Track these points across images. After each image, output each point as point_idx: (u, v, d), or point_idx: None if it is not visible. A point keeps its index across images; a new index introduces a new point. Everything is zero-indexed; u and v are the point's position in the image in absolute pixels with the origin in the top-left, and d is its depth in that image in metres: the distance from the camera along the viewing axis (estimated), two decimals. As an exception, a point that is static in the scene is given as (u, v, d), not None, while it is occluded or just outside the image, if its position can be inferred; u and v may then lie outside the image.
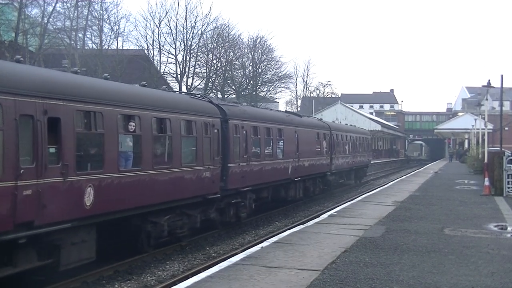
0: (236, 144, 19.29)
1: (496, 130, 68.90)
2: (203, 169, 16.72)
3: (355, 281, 9.83)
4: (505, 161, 26.16)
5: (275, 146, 23.45)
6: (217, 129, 17.73)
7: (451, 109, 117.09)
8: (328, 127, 32.76)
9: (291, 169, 24.92)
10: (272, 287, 9.50)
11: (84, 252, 12.03)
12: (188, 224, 16.49)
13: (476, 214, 19.25)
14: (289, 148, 24.83)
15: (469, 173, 45.54)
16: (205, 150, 16.77)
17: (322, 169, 30.80)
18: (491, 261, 11.72)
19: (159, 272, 13.86)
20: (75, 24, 42.89)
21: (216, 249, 16.89)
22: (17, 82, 10.19)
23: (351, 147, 38.32)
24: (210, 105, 18.27)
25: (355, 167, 40.31)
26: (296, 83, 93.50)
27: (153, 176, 14.05)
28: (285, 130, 24.51)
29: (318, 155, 29.86)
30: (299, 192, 27.09)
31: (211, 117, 17.57)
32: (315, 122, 32.41)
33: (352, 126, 47.85)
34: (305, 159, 27.04)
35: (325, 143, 31.39)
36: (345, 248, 12.71)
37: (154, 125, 14.39)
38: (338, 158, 34.18)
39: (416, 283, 9.82)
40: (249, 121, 20.61)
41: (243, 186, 19.71)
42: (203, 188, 16.83)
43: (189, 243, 17.04)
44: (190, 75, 53.22)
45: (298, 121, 27.39)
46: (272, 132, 23.00)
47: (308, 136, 28.14)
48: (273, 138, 23.26)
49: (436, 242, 13.77)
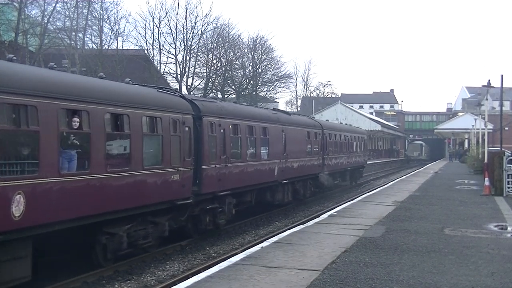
0: (211, 143, 17.49)
1: (496, 130, 68.93)
2: (171, 171, 14.89)
3: (355, 281, 9.83)
4: (505, 161, 26.16)
5: (258, 146, 21.49)
6: (188, 127, 15.95)
7: (451, 109, 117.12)
8: (320, 126, 31.11)
9: (278, 170, 23.27)
10: (272, 287, 9.49)
11: (16, 271, 10.30)
12: (155, 233, 14.86)
13: (476, 214, 19.25)
14: (275, 148, 23.10)
15: (469, 173, 45.54)
16: (173, 151, 15.00)
17: (313, 170, 29.09)
18: (491, 261, 11.72)
19: (159, 272, 13.86)
20: (75, 24, 42.85)
21: (216, 249, 16.89)
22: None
23: (345, 147, 36.72)
24: (181, 100, 16.33)
25: (350, 168, 38.52)
26: (296, 83, 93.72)
27: (106, 180, 12.30)
28: (271, 129, 22.75)
29: (309, 156, 28.23)
30: (288, 196, 25.47)
31: (182, 113, 15.68)
32: (306, 120, 30.30)
33: (347, 125, 46.24)
34: (294, 159, 25.42)
35: (317, 142, 29.90)
36: (345, 248, 12.70)
37: (108, 122, 12.60)
38: (331, 159, 32.55)
39: (416, 283, 9.81)
40: (227, 119, 18.77)
41: (220, 190, 17.97)
42: (171, 193, 15.03)
43: (189, 243, 17.04)
44: (190, 75, 53.23)
45: (285, 119, 25.59)
46: (255, 131, 21.14)
47: (297, 135, 26.52)
48: (257, 137, 21.35)
49: (436, 242, 13.77)
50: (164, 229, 15.24)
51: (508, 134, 69.47)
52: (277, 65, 66.30)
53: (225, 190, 18.30)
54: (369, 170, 59.73)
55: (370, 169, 61.22)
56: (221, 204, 18.42)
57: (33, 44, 39.77)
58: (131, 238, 13.73)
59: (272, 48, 65.93)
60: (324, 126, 32.02)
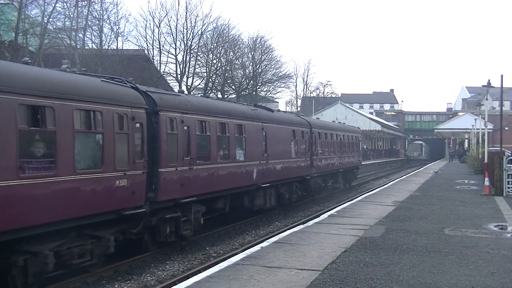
0: (172, 143, 15.22)
1: (496, 130, 68.96)
2: (116, 176, 12.58)
3: (355, 281, 9.83)
4: (505, 161, 26.15)
5: (233, 145, 19.30)
6: (140, 123, 13.73)
7: (451, 109, 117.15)
8: (308, 124, 28.83)
9: (257, 173, 21.11)
10: (272, 287, 9.49)
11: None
12: (96, 249, 12.62)
13: (476, 214, 19.24)
14: (253, 148, 20.91)
15: (469, 173, 45.55)
16: (119, 151, 12.70)
17: (300, 172, 26.88)
18: (491, 261, 11.71)
19: (159, 272, 13.87)
20: (75, 24, 42.86)
21: (216, 249, 16.89)
22: None
23: (337, 147, 34.47)
24: (130, 92, 13.90)
25: (342, 169, 36.34)
26: (296, 83, 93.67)
27: (18, 188, 10.01)
28: (248, 127, 20.55)
29: (295, 156, 25.99)
30: (270, 200, 23.34)
31: (131, 107, 13.32)
32: (291, 118, 27.75)
33: (341, 123, 44.07)
34: (277, 161, 23.27)
35: (304, 142, 27.63)
36: (345, 248, 12.70)
37: (22, 116, 10.31)
38: (320, 160, 30.37)
39: (416, 283, 9.81)
40: (193, 114, 16.52)
41: (184, 197, 15.72)
42: (117, 201, 12.72)
43: (189, 243, 17.04)
44: (190, 75, 53.16)
45: (267, 116, 23.17)
46: (228, 129, 18.93)
47: (281, 134, 24.25)
48: (230, 135, 19.10)
49: (436, 242, 13.76)
50: (109, 244, 12.88)
51: (508, 134, 69.50)
52: (277, 65, 66.30)
53: (190, 196, 16.06)
54: (369, 170, 59.76)
55: (370, 169, 61.25)
56: (186, 213, 16.28)
57: (33, 44, 39.75)
58: (62, 257, 11.58)
59: (272, 48, 65.93)
60: (313, 125, 29.98)
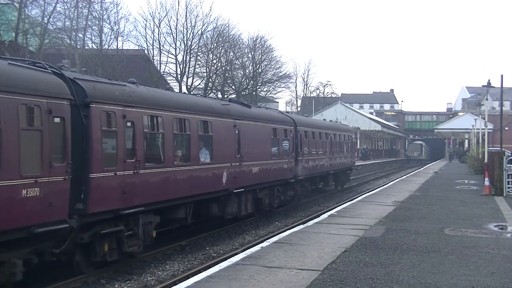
0: (109, 142, 12.77)
1: (496, 130, 68.99)
2: (22, 184, 10.07)
3: (355, 281, 9.83)
4: (505, 161, 26.16)
5: (195, 145, 16.47)
6: (61, 118, 11.09)
7: (451, 109, 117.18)
8: (292, 122, 26.01)
9: (228, 177, 18.41)
10: (272, 287, 9.49)
11: None
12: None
13: (476, 214, 19.25)
14: (223, 149, 18.15)
15: (469, 173, 45.57)
16: (26, 153, 10.19)
17: (283, 175, 24.13)
18: (491, 261, 11.71)
19: (159, 272, 13.87)
20: (75, 24, 42.91)
21: (216, 249, 16.89)
22: None
23: (327, 147, 31.70)
24: (49, 78, 11.23)
25: (333, 171, 33.44)
26: (296, 83, 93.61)
27: None
28: (216, 124, 17.79)
29: (276, 158, 23.15)
30: (246, 207, 20.59)
31: (47, 97, 10.72)
32: (272, 115, 24.62)
33: (332, 122, 41.21)
34: (253, 163, 20.52)
35: (288, 141, 24.88)
36: (345, 248, 12.71)
37: None
38: (307, 161, 27.49)
39: (416, 283, 9.81)
40: (140, 108, 13.72)
41: (127, 207, 13.10)
42: (25, 216, 10.24)
43: (189, 243, 17.04)
44: (190, 75, 53.21)
45: (240, 111, 20.25)
46: (189, 126, 16.11)
47: (258, 132, 21.46)
48: (192, 134, 16.27)
49: (436, 242, 13.77)
50: (15, 270, 10.34)
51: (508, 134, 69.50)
52: (277, 65, 66.37)
53: (135, 206, 13.40)
54: (369, 170, 59.78)
55: (370, 169, 61.27)
56: (132, 225, 13.66)
57: (33, 44, 39.78)
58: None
59: (272, 48, 65.99)
60: (299, 122, 27.11)
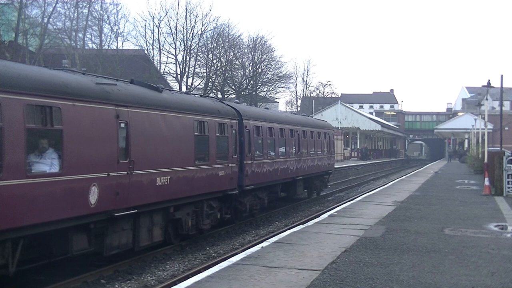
0: None
1: (496, 130, 69.06)
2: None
3: (355, 281, 9.83)
4: (505, 161, 26.16)
5: (17, 146, 9.87)
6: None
7: (451, 109, 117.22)
8: (236, 114, 19.33)
9: (102, 193, 11.94)
10: (272, 287, 9.49)
11: None
12: None
13: (476, 214, 19.25)
14: (87, 151, 11.71)
15: (469, 173, 45.57)
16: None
17: (218, 185, 17.73)
18: (491, 261, 11.71)
19: (159, 272, 13.86)
20: (75, 24, 42.93)
21: (216, 249, 16.89)
22: None
23: (293, 147, 25.37)
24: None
25: (303, 176, 26.70)
26: (296, 83, 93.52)
27: None
28: (74, 113, 11.30)
29: (204, 162, 16.73)
30: (151, 235, 14.39)
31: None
32: (198, 102, 17.63)
33: (304, 116, 33.36)
34: (156, 171, 14.04)
35: (227, 140, 18.30)
36: (345, 248, 12.71)
37: None
38: (260, 165, 21.25)
39: (416, 283, 9.81)
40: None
41: None
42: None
43: (189, 243, 17.03)
44: (190, 75, 53.20)
45: (133, 96, 13.62)
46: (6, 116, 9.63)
47: (168, 127, 14.82)
48: (6, 126, 9.63)
49: (436, 242, 13.77)
50: None
51: (508, 134, 69.60)
52: (277, 65, 66.34)
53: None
54: (369, 170, 59.79)
55: (370, 169, 61.27)
56: None
57: (33, 44, 39.80)
58: None
59: (272, 48, 65.98)
60: (246, 115, 20.43)
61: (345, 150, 69.91)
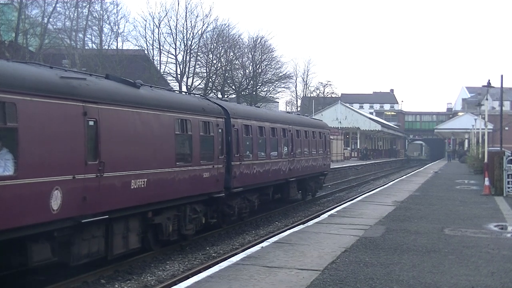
0: None
1: (496, 130, 69.09)
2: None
3: (355, 281, 9.83)
4: (505, 161, 26.16)
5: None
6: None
7: (451, 109, 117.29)
8: (223, 112, 18.30)
9: (66, 198, 10.84)
10: (272, 287, 9.50)
11: None
12: None
13: (476, 214, 19.25)
14: (48, 152, 10.53)
15: (469, 173, 45.57)
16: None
17: (202, 188, 16.64)
18: (491, 261, 11.72)
19: (159, 272, 13.86)
20: (75, 24, 42.90)
21: (216, 249, 16.89)
22: None
23: (286, 147, 24.60)
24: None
25: (295, 178, 25.63)
26: (296, 83, 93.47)
27: None
28: (29, 109, 10.10)
29: (186, 164, 15.66)
30: (127, 242, 13.46)
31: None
32: (179, 99, 16.97)
33: (298, 115, 33.07)
34: (130, 173, 13.01)
35: (213, 139, 17.23)
36: (345, 248, 12.71)
37: None
38: (250, 166, 20.36)
39: (416, 283, 9.81)
40: None
41: None
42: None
43: (189, 243, 17.03)
44: (190, 75, 53.18)
45: (106, 92, 12.60)
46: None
47: (145, 126, 13.72)
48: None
49: (436, 242, 13.77)
50: None
51: (508, 134, 69.59)
52: (277, 65, 66.30)
53: None
54: (369, 170, 59.79)
55: (370, 169, 61.27)
56: None
57: (33, 44, 39.79)
58: None
59: (272, 48, 65.93)
60: (234, 113, 19.38)
61: (345, 150, 69.92)
